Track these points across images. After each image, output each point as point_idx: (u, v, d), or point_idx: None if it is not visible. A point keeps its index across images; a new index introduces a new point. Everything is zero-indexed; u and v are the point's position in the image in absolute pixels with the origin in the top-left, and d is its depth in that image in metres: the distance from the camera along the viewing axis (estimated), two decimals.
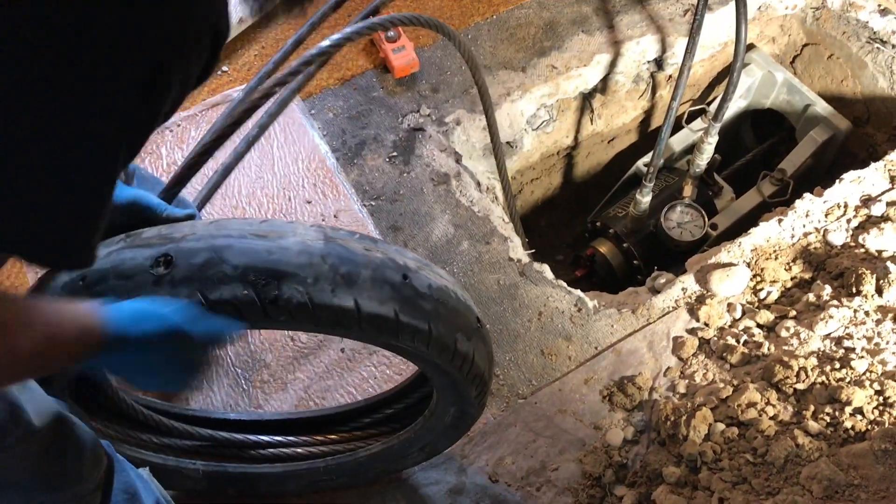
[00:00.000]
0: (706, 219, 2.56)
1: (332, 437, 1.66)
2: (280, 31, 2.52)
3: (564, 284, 2.13)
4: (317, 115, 2.38)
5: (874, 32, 2.53)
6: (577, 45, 2.49)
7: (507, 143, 2.49)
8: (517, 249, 2.17)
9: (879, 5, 2.54)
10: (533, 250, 2.29)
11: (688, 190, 2.62)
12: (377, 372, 1.94)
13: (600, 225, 2.69)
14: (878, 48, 2.53)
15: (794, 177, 2.65)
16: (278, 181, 2.24)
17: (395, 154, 2.29)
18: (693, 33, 2.18)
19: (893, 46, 2.49)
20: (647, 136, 2.92)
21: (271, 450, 1.65)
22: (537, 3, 2.58)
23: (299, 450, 1.64)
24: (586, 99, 2.60)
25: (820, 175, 2.78)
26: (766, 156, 2.94)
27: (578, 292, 2.11)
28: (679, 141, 2.77)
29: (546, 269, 2.16)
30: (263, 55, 2.47)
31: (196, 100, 2.35)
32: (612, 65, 2.51)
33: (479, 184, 2.28)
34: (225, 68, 2.45)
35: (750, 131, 3.05)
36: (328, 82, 2.41)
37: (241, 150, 1.54)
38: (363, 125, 2.35)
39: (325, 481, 1.70)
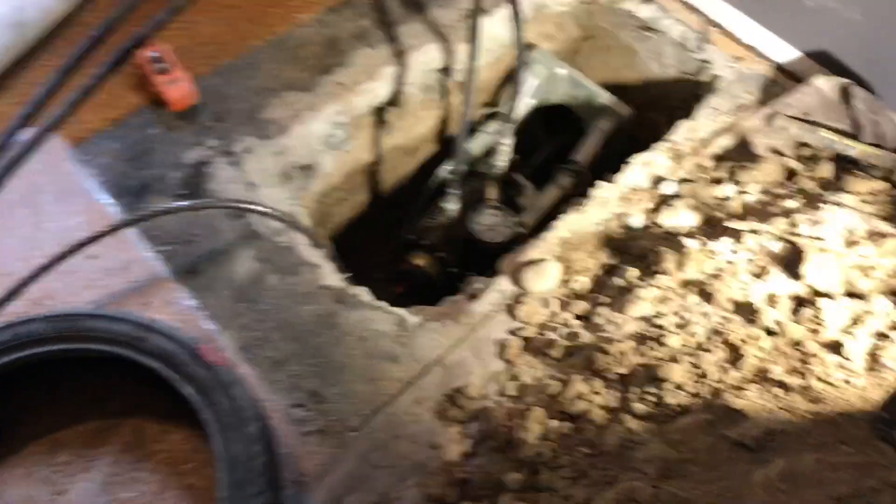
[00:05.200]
0: (513, 218, 2.58)
1: None
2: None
3: (385, 304, 2.06)
4: (91, 162, 2.17)
5: (641, 21, 2.66)
6: (362, 60, 2.43)
7: (305, 166, 2.39)
8: (330, 276, 2.08)
9: None
10: (349, 274, 2.20)
11: (492, 192, 2.63)
12: None
13: (413, 238, 2.65)
14: (646, 35, 2.67)
15: (588, 166, 2.73)
16: (54, 239, 2.02)
17: (183, 192, 2.13)
18: (472, 39, 2.18)
19: (660, 33, 2.63)
20: (447, 143, 2.91)
21: None
22: (316, 21, 2.50)
23: None
24: (380, 113, 2.56)
25: (611, 161, 2.88)
26: (561, 149, 3.02)
27: (400, 310, 2.05)
28: (478, 145, 2.78)
29: (363, 292, 2.08)
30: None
31: None
32: (401, 76, 2.47)
33: (281, 212, 2.17)
34: None
35: (542, 128, 3.12)
36: (98, 125, 2.21)
37: None
38: (144, 166, 2.17)
39: None
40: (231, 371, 1.78)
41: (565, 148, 2.98)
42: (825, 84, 2.33)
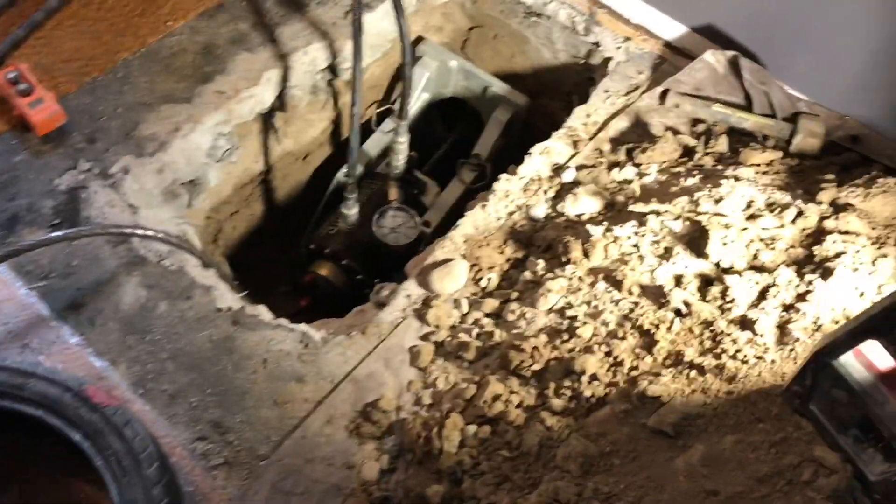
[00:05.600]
0: (417, 218, 2.51)
1: None
2: None
3: (286, 322, 1.95)
4: None
5: (528, 7, 2.62)
6: (241, 66, 2.31)
7: (190, 181, 2.26)
8: (225, 297, 1.96)
9: None
10: (246, 292, 2.09)
11: (393, 193, 2.55)
12: None
13: (315, 247, 2.54)
14: (535, 21, 2.62)
15: (489, 159, 2.68)
16: None
17: (58, 222, 1.98)
18: (355, 36, 2.09)
19: (548, 17, 2.59)
20: (342, 146, 2.81)
21: None
22: (189, 28, 2.36)
23: None
24: (267, 119, 2.44)
25: (512, 150, 2.85)
26: (460, 143, 2.96)
27: (303, 327, 1.94)
28: (374, 145, 2.70)
29: (262, 311, 1.97)
30: None
31: None
32: (285, 79, 2.36)
33: (166, 234, 2.03)
34: None
35: (439, 122, 3.06)
36: None
37: None
38: (11, 196, 2.00)
39: None
40: (124, 410, 1.64)
41: (465, 140, 2.93)
42: (714, 58, 2.33)
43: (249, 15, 2.41)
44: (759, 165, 2.12)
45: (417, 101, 2.80)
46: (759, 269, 1.77)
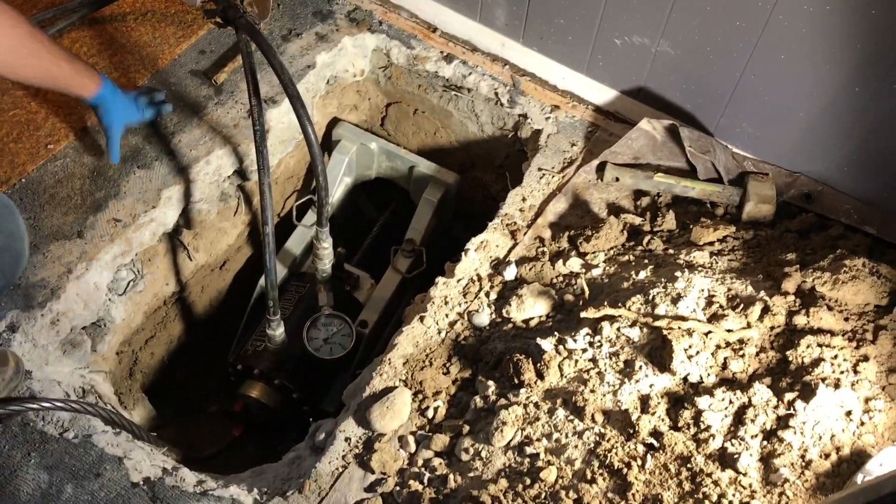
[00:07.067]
0: (352, 323, 2.29)
1: None
2: None
3: (212, 486, 1.72)
4: None
5: (447, 80, 2.43)
6: (137, 186, 2.07)
7: (93, 324, 2.01)
8: (141, 465, 1.72)
9: (442, 52, 2.43)
10: (166, 447, 1.86)
11: (323, 297, 2.32)
12: None
13: (242, 367, 2.30)
14: (455, 95, 2.43)
15: (424, 243, 2.49)
16: None
17: None
18: (258, 146, 1.88)
19: (469, 90, 2.40)
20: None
21: None
22: (73, 149, 2.11)
23: None
24: (174, 237, 2.20)
25: (447, 226, 2.66)
26: (392, 221, 2.76)
27: (232, 491, 1.71)
28: (297, 242, 2.48)
29: (185, 476, 1.73)
30: None
31: None
32: (188, 194, 2.13)
33: (67, 396, 1.79)
34: None
35: (368, 203, 2.86)
36: None
37: None
38: None
39: None
40: None
41: (396, 221, 2.73)
42: (650, 126, 2.18)
43: (140, 127, 2.17)
44: (712, 244, 1.96)
45: (339, 186, 2.60)
46: (731, 382, 1.60)
